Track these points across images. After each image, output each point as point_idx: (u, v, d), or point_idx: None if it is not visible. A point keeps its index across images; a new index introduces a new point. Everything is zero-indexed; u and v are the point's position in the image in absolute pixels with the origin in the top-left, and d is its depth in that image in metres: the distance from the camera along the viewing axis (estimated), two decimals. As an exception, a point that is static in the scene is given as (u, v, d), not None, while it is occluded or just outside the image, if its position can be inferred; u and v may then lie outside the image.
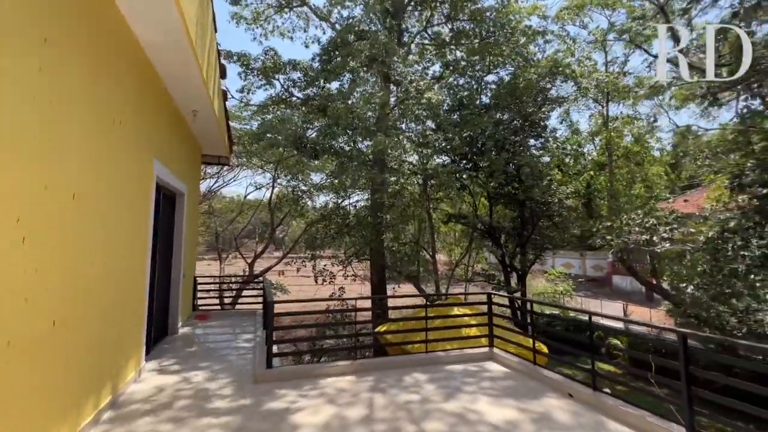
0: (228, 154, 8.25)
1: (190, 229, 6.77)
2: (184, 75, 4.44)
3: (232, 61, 13.15)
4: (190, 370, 4.30)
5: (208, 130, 6.48)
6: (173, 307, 5.88)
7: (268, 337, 4.14)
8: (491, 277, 16.22)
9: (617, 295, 24.48)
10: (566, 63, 11.30)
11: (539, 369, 4.29)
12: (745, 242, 3.67)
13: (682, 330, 2.82)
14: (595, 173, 13.20)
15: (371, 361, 4.55)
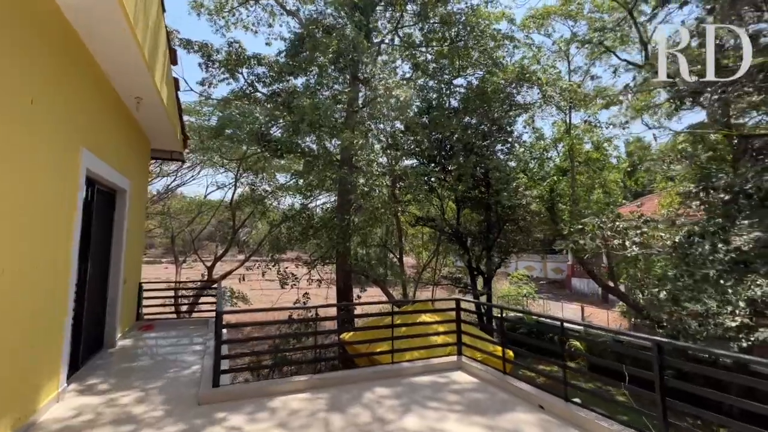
0: (182, 150, 7.61)
1: (135, 229, 6.11)
2: (122, 55, 3.91)
3: (193, 51, 12.37)
4: (121, 390, 3.75)
5: (157, 122, 5.88)
6: (111, 316, 5.23)
7: (216, 352, 3.68)
8: (458, 280, 16.29)
9: (576, 296, 25.44)
10: (532, 70, 11.50)
11: (509, 379, 4.12)
12: (714, 247, 3.71)
13: (657, 339, 2.72)
14: (558, 178, 13.55)
15: (330, 375, 4.20)
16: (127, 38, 3.58)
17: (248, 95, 12.69)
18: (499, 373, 4.28)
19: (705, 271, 3.46)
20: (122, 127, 5.25)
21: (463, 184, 13.97)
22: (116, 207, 5.37)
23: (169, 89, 5.48)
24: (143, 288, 6.74)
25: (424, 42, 13.34)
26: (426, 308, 6.57)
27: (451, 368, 4.74)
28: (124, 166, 5.33)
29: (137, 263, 6.55)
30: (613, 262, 12.98)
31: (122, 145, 5.30)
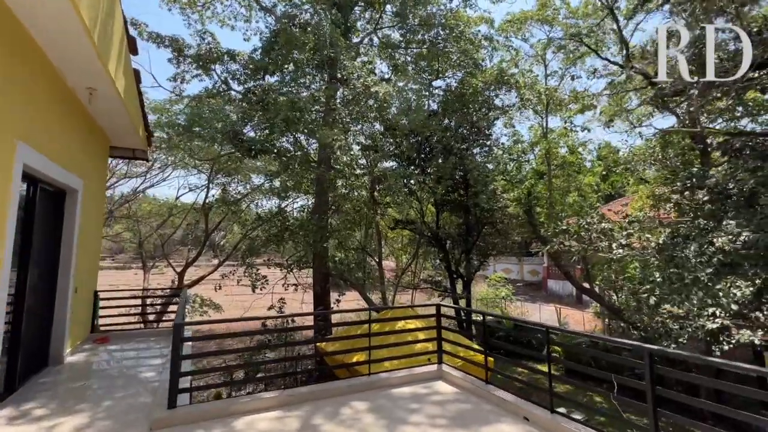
0: (145, 148, 7.10)
1: (90, 233, 5.60)
2: (67, 39, 3.51)
3: (163, 46, 11.78)
4: (61, 415, 3.32)
5: (115, 117, 5.42)
6: (58, 329, 4.72)
7: (173, 369, 3.31)
8: (437, 284, 16.19)
9: (551, 298, 25.89)
10: (511, 73, 11.56)
11: (492, 389, 3.92)
12: (701, 248, 3.66)
13: (649, 346, 2.58)
14: (535, 181, 13.69)
15: (302, 390, 3.89)
16: (72, 19, 3.19)
17: (222, 93, 12.20)
18: (481, 382, 4.08)
19: (696, 274, 3.38)
20: (73, 122, 4.79)
21: (442, 187, 13.91)
22: (66, 208, 4.88)
23: (128, 81, 5.05)
24: (100, 297, 6.20)
25: (404, 43, 13.22)
26: (405, 314, 6.33)
27: (431, 378, 4.51)
28: (76, 163, 4.85)
29: (93, 270, 6.02)
30: (589, 264, 13.19)
31: (73, 141, 4.83)
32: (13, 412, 3.36)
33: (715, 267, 3.38)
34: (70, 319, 4.90)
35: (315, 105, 11.14)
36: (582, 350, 5.95)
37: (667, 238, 4.36)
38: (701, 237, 3.78)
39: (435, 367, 4.64)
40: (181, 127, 9.44)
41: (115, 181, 16.86)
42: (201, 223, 16.19)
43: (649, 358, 2.56)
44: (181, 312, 3.97)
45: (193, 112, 9.41)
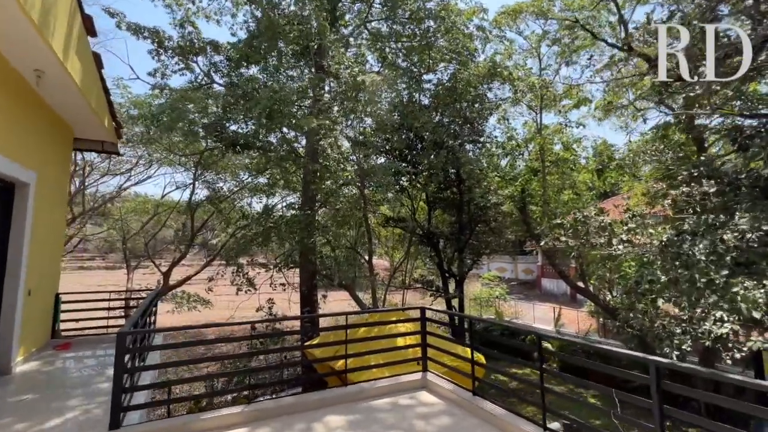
0: (114, 140, 6.66)
1: (46, 231, 5.17)
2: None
3: (142, 37, 11.28)
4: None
5: (72, 104, 4.98)
6: (4, 335, 4.30)
7: (115, 385, 2.91)
8: (430, 283, 15.86)
9: (545, 297, 25.72)
10: (504, 65, 11.23)
11: (479, 401, 3.58)
12: (713, 245, 3.32)
13: (655, 359, 2.25)
14: (529, 178, 13.40)
15: (270, 405, 3.51)
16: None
17: (205, 86, 11.74)
18: (468, 393, 3.73)
19: (710, 276, 3.05)
20: (21, 109, 4.36)
21: (434, 184, 13.56)
22: (15, 204, 4.45)
23: (84, 65, 4.62)
24: (62, 300, 5.76)
25: (394, 38, 12.84)
26: (388, 318, 5.96)
27: (415, 387, 4.16)
28: (25, 155, 4.42)
29: (53, 271, 5.59)
30: (583, 262, 12.92)
31: (22, 130, 4.40)
32: (-67, 435, 2.95)
33: (729, 267, 3.07)
34: (20, 324, 4.47)
35: (301, 98, 10.73)
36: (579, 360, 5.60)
37: (671, 234, 4.04)
38: (711, 233, 3.46)
39: (419, 375, 4.29)
40: (157, 120, 8.98)
41: (98, 177, 16.35)
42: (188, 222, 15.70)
43: (656, 373, 2.22)
44: (133, 318, 3.56)
45: (171, 105, 8.95)
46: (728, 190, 3.77)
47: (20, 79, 4.17)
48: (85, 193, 15.58)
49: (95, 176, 16.05)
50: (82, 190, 15.05)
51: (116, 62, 55.02)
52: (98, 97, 5.35)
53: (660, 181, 7.93)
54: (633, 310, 5.21)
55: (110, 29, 40.68)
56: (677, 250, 3.60)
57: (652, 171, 12.32)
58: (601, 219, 5.22)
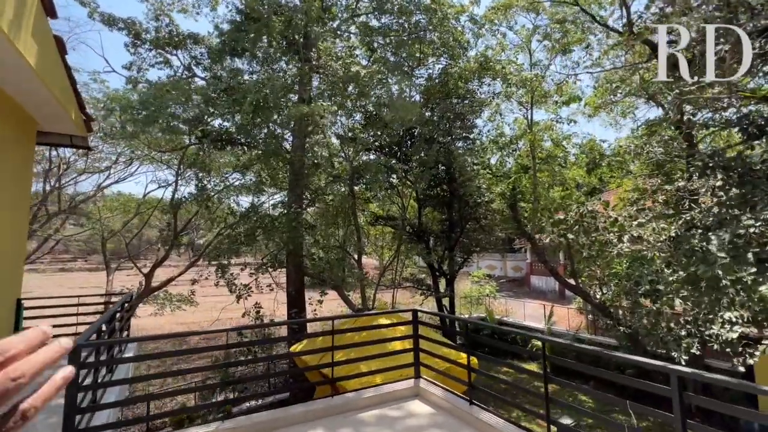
0: (84, 134, 6.22)
1: (4, 232, 4.74)
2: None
3: (117, 29, 10.74)
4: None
5: (30, 92, 4.56)
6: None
7: (67, 404, 2.57)
8: (420, 282, 15.65)
9: (535, 294, 25.80)
10: (495, 60, 11.04)
11: (475, 411, 3.33)
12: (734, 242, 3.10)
13: (677, 368, 2.02)
14: (520, 176, 13.27)
15: (244, 422, 3.20)
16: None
17: (185, 80, 11.26)
18: (463, 402, 3.48)
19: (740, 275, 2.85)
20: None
21: (425, 180, 13.33)
22: (-34, 202, 4.03)
23: (43, 47, 4.21)
24: (24, 306, 5.34)
25: (383, 32, 12.53)
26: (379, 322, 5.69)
27: (407, 396, 3.89)
28: (-23, 148, 4.01)
29: (13, 275, 5.15)
30: (574, 260, 12.85)
31: (-27, 119, 3.99)
32: None
33: (753, 264, 2.87)
34: (-26, 335, 4.06)
35: (287, 92, 10.36)
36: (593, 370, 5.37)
37: (679, 229, 3.85)
38: (730, 226, 3.26)
39: (412, 382, 4.03)
40: (133, 114, 8.52)
41: (76, 176, 15.68)
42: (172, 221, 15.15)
43: (678, 383, 2.00)
44: (93, 328, 3.20)
45: (147, 100, 8.49)
46: (744, 181, 3.58)
47: (-32, 63, 3.76)
48: (61, 192, 14.90)
49: (72, 174, 15.39)
50: (57, 189, 14.38)
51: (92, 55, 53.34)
52: (62, 85, 4.94)
53: (652, 177, 7.85)
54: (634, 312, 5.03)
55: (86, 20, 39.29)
56: (691, 246, 3.40)
57: (641, 166, 12.30)
58: (611, 214, 5.02)
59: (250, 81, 8.90)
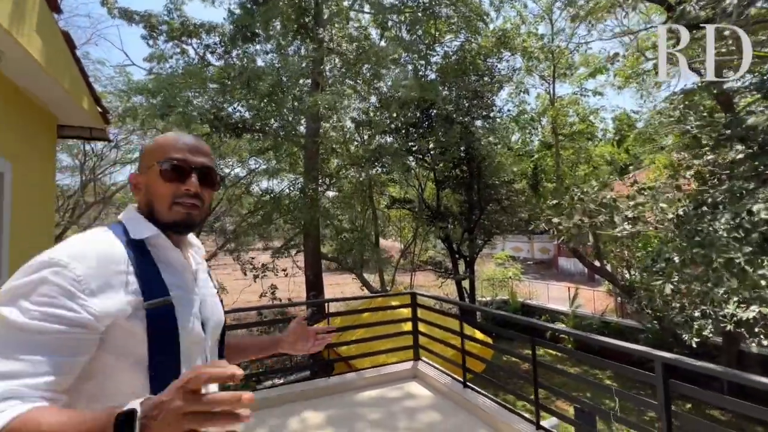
0: (102, 126, 6.47)
1: (30, 222, 5.05)
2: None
3: (134, 23, 11.02)
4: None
5: (43, 88, 4.76)
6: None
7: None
8: (438, 264, 15.57)
9: (562, 276, 25.10)
10: (515, 33, 10.48)
11: (469, 394, 3.30)
12: (737, 219, 2.86)
13: (661, 354, 1.90)
14: (543, 154, 12.74)
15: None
16: None
17: (200, 70, 11.45)
18: (457, 385, 3.46)
19: (729, 254, 2.64)
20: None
21: (446, 163, 13.06)
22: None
23: (49, 43, 4.36)
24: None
25: (397, 10, 12.14)
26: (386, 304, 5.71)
27: (405, 377, 3.92)
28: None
29: (42, 261, 5.52)
30: (599, 241, 12.33)
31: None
32: None
33: (756, 244, 2.62)
34: (6, 316, 4.42)
35: (301, 77, 10.33)
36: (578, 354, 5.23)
37: (689, 207, 3.56)
38: (736, 204, 2.98)
39: (410, 364, 4.04)
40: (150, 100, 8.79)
41: (108, 167, 16.50)
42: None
43: (663, 370, 1.88)
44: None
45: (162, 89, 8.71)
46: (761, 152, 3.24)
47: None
48: (97, 183, 15.78)
49: (105, 166, 16.21)
50: (93, 180, 15.23)
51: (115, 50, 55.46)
52: (73, 79, 5.12)
53: (683, 151, 7.29)
54: (647, 290, 4.77)
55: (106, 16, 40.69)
56: (693, 226, 3.15)
57: (675, 140, 11.49)
58: (603, 195, 4.73)
59: (262, 66, 8.94)
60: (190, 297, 0.82)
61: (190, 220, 0.83)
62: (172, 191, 0.81)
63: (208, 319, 0.85)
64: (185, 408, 0.51)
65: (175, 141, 0.85)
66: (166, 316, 0.74)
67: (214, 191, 0.89)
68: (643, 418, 7.03)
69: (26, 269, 0.66)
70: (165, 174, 0.80)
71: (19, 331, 0.61)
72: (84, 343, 0.65)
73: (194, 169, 0.83)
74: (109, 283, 0.69)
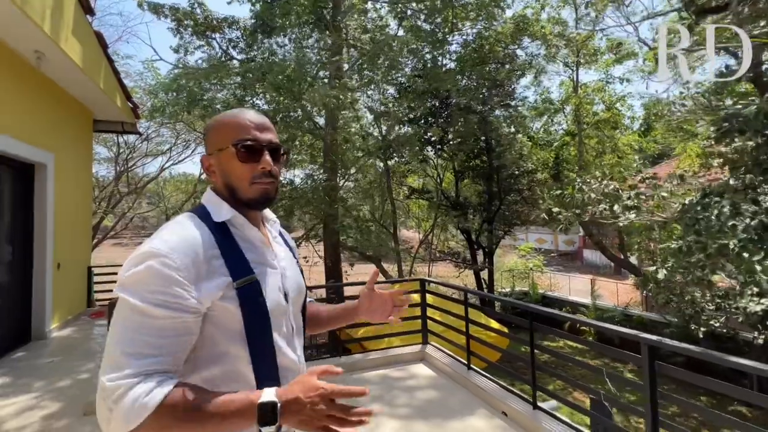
0: (132, 120, 6.89)
1: (71, 208, 5.51)
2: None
3: (163, 16, 11.45)
4: (13, 395, 3.22)
5: (80, 85, 5.14)
6: (37, 305, 4.70)
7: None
8: (457, 254, 15.58)
9: (587, 268, 24.50)
10: (534, 20, 10.21)
11: (473, 375, 3.43)
12: (736, 208, 2.81)
13: (647, 336, 1.96)
14: (565, 142, 12.42)
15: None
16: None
17: (224, 64, 11.79)
18: (462, 366, 3.59)
19: (723, 241, 2.60)
20: (32, 93, 4.54)
21: (465, 153, 12.97)
22: (36, 184, 4.74)
23: (85, 44, 4.69)
24: (93, 273, 6.23)
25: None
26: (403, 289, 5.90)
27: (413, 360, 4.08)
28: (40, 137, 4.65)
29: (81, 246, 6.00)
30: (623, 233, 11.99)
31: (34, 113, 4.61)
32: (-35, 391, 3.31)
33: (754, 231, 2.56)
34: (52, 294, 4.87)
35: (320, 69, 10.49)
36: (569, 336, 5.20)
37: (696, 197, 3.48)
38: (739, 193, 2.91)
39: (419, 347, 4.19)
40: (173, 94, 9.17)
41: (141, 158, 17.32)
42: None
43: (648, 352, 1.94)
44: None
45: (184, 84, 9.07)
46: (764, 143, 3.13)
47: (29, 67, 4.32)
48: (129, 174, 16.62)
49: (138, 157, 17.02)
50: (126, 171, 16.06)
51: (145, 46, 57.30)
52: (106, 77, 5.48)
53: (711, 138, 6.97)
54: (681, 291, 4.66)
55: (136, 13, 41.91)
56: (693, 215, 3.08)
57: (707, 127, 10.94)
58: (606, 185, 4.63)
59: (281, 59, 9.16)
60: (271, 271, 0.87)
61: (268, 196, 0.87)
62: (250, 171, 0.84)
63: (289, 289, 0.90)
64: (328, 412, 0.65)
65: (242, 119, 0.87)
66: (254, 293, 0.80)
67: (281, 164, 0.92)
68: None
69: (133, 260, 0.73)
70: (241, 155, 0.83)
71: (142, 315, 0.68)
72: (193, 325, 0.73)
73: (264, 146, 0.86)
74: (205, 270, 0.75)
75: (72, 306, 5.61)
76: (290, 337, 0.89)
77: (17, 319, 4.49)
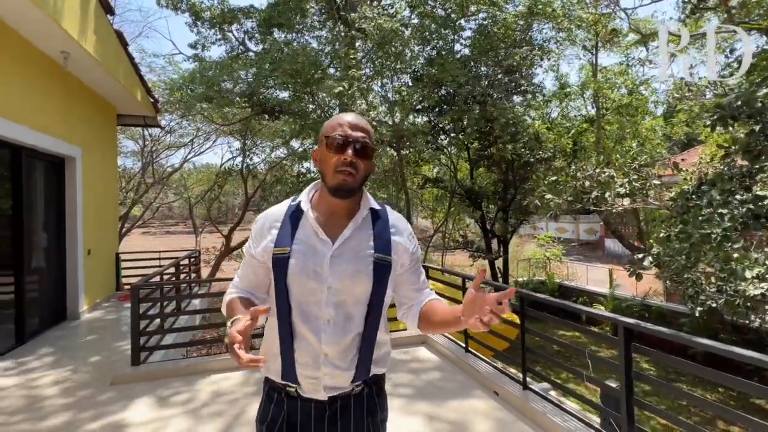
0: (153, 114, 7.21)
1: (98, 199, 5.89)
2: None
3: (180, 11, 11.76)
4: (49, 368, 3.58)
5: (103, 82, 5.44)
6: (71, 287, 5.12)
7: (133, 328, 3.37)
8: (471, 243, 15.55)
9: (608, 258, 23.94)
10: (548, 1, 9.92)
11: (469, 358, 3.56)
12: (725, 195, 2.78)
13: (624, 319, 2.03)
14: (583, 128, 12.11)
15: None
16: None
17: (240, 55, 12.04)
18: (460, 350, 3.73)
19: (705, 231, 2.58)
20: (60, 90, 4.86)
21: (479, 141, 12.84)
22: (66, 176, 5.10)
23: (106, 43, 4.97)
24: (121, 258, 6.65)
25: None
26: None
27: (415, 343, 4.25)
28: (69, 132, 4.99)
29: (109, 233, 6.41)
30: (642, 221, 11.70)
31: (63, 109, 4.94)
32: (10, 364, 3.70)
33: (741, 219, 2.52)
34: (83, 278, 5.27)
35: (332, 60, 10.58)
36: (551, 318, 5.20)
37: (692, 185, 3.42)
38: (729, 181, 2.85)
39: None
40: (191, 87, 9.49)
41: (164, 150, 17.97)
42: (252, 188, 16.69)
43: (624, 334, 2.02)
44: (152, 275, 4.03)
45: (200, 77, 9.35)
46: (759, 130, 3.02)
47: (57, 66, 4.62)
48: (155, 165, 17.29)
49: (162, 150, 17.67)
50: (151, 163, 16.72)
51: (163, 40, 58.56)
52: (127, 73, 5.77)
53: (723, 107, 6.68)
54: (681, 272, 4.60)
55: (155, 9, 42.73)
56: (686, 203, 3.05)
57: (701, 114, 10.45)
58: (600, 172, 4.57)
59: (294, 49, 9.29)
60: (309, 252, 0.97)
61: (345, 185, 0.96)
62: (335, 161, 0.96)
63: (333, 282, 0.96)
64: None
65: (340, 119, 1.00)
66: (283, 263, 0.96)
67: (369, 161, 1.01)
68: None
69: None
70: (330, 147, 0.97)
71: (245, 257, 1.08)
72: (258, 267, 1.03)
73: (351, 142, 0.97)
74: (263, 235, 1.02)
75: (102, 289, 6.04)
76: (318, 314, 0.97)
77: (54, 299, 4.91)
